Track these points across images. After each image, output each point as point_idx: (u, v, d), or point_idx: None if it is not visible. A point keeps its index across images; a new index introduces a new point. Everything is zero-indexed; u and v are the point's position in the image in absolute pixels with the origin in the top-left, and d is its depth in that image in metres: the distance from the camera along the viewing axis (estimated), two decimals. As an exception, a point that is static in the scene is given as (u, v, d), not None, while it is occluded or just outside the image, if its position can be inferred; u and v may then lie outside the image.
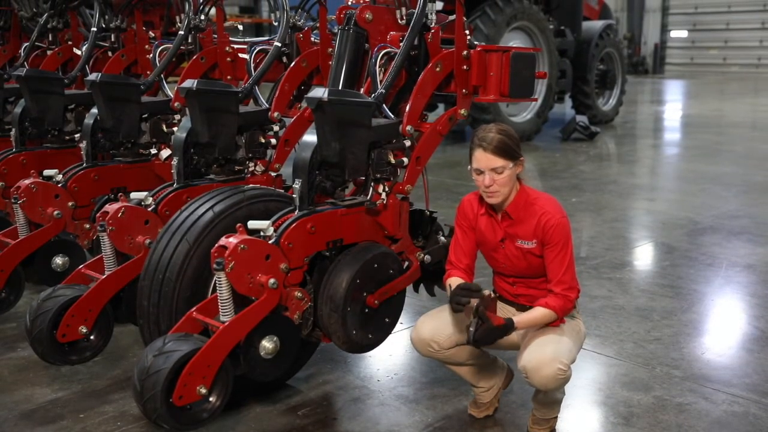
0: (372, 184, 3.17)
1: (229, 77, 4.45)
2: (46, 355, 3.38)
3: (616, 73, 14.36)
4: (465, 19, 3.22)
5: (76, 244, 4.22)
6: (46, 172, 4.09)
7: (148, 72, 4.75)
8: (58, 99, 4.63)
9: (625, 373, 3.69)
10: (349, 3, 3.68)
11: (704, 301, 4.80)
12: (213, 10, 4.62)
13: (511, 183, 2.91)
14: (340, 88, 3.37)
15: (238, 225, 2.86)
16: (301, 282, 3.02)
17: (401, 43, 3.26)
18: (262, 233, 2.90)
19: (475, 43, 3.28)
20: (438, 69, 3.25)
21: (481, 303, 2.77)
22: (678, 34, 32.80)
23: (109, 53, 5.16)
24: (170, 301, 3.04)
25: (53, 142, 4.76)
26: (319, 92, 2.89)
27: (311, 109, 2.95)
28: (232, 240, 2.78)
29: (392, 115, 3.26)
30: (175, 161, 3.70)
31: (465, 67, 3.25)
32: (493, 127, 2.92)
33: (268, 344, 2.86)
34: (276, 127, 3.89)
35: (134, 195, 3.60)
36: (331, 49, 3.77)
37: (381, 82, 3.25)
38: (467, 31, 3.24)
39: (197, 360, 2.72)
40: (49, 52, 5.47)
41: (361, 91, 3.37)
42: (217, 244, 2.81)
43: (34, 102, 4.57)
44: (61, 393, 3.48)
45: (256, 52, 4.16)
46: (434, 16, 3.33)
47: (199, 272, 3.08)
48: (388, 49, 3.33)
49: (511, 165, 2.87)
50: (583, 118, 12.68)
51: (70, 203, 4.07)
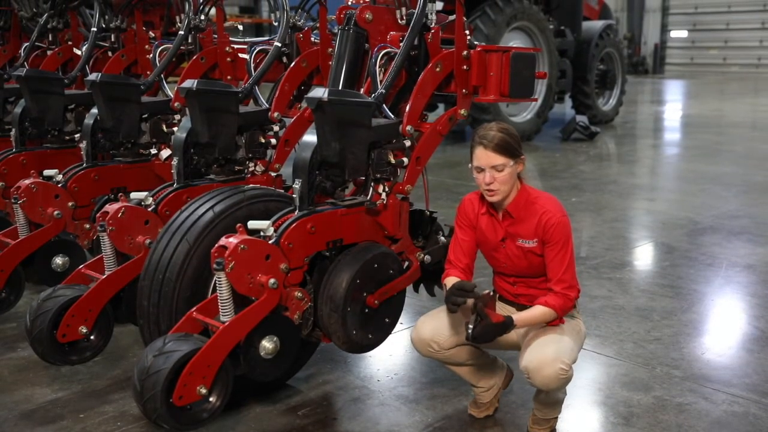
0: (372, 184, 3.17)
1: (229, 77, 4.45)
2: (46, 355, 3.38)
3: (616, 73, 14.37)
4: (465, 19, 3.23)
5: (76, 244, 4.22)
6: (46, 172, 4.09)
7: (148, 72, 4.75)
8: (58, 99, 4.63)
9: (625, 373, 3.69)
10: (349, 3, 3.68)
11: (704, 301, 4.80)
12: (213, 10, 4.62)
13: (512, 181, 2.91)
14: (340, 88, 3.37)
15: (238, 225, 2.86)
16: (301, 282, 3.02)
17: (401, 43, 3.26)
18: (262, 233, 2.90)
19: (475, 43, 3.28)
20: (438, 69, 3.25)
21: (480, 300, 2.77)
22: (678, 34, 32.81)
23: (109, 53, 5.15)
24: (170, 301, 3.04)
25: (53, 142, 4.76)
26: (319, 92, 2.89)
27: (311, 109, 2.95)
28: (232, 240, 2.78)
29: (392, 115, 3.26)
30: (175, 161, 3.70)
31: (465, 67, 3.25)
32: (494, 125, 2.93)
33: (268, 344, 2.86)
34: (276, 127, 3.89)
35: (134, 195, 3.60)
36: (331, 49, 3.77)
37: (381, 82, 3.25)
38: (467, 31, 3.24)
39: (197, 360, 2.72)
40: (49, 52, 5.47)
41: (361, 91, 3.37)
42: (217, 244, 2.81)
43: (34, 102, 4.56)
44: (61, 393, 3.48)
45: (256, 52, 4.16)
46: (434, 16, 3.33)
47: (199, 272, 3.08)
48: (388, 49, 3.33)
49: (512, 163, 2.88)
50: (583, 118, 12.68)
51: (70, 203, 4.06)
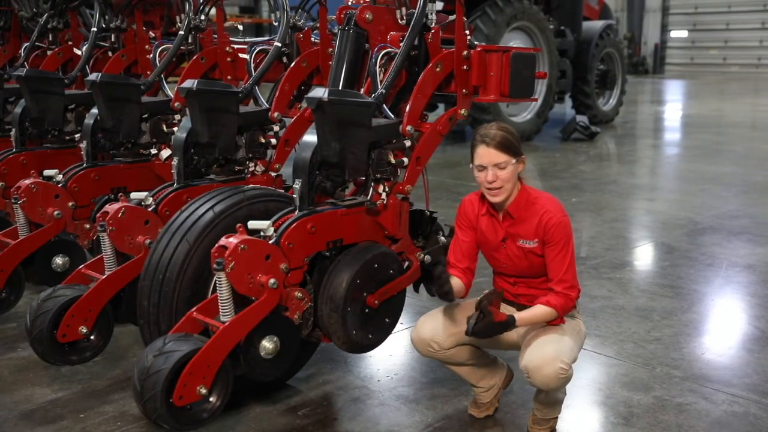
0: (372, 184, 3.17)
1: (229, 77, 4.45)
2: (46, 355, 3.38)
3: (616, 73, 14.37)
4: (465, 19, 3.23)
5: (76, 244, 4.22)
6: (46, 172, 4.09)
7: (148, 72, 4.75)
8: (58, 99, 4.63)
9: (625, 373, 3.69)
10: (349, 3, 3.68)
11: (704, 301, 4.80)
12: (213, 11, 4.62)
13: (514, 180, 2.92)
14: (340, 88, 3.36)
15: (238, 225, 2.86)
16: (301, 282, 3.02)
17: (401, 43, 3.26)
18: (262, 233, 2.90)
19: (476, 43, 3.28)
20: (438, 69, 3.25)
21: (486, 298, 2.77)
22: (678, 34, 32.81)
23: (109, 53, 5.15)
24: (170, 301, 3.04)
25: (53, 142, 4.76)
26: (319, 92, 2.89)
27: (311, 109, 2.95)
28: (233, 240, 2.78)
29: (392, 115, 3.26)
30: (175, 161, 3.70)
31: (465, 67, 3.25)
32: (494, 125, 2.96)
33: (268, 344, 2.86)
34: (276, 127, 3.89)
35: (134, 195, 3.60)
36: (331, 49, 3.77)
37: (381, 82, 3.25)
38: (467, 31, 3.25)
39: (197, 360, 2.72)
40: (49, 52, 5.47)
41: (361, 91, 3.37)
42: (217, 244, 2.81)
43: (34, 102, 4.56)
44: (61, 393, 3.48)
45: (256, 52, 4.16)
46: (434, 16, 3.33)
47: (199, 272, 3.08)
48: (388, 49, 3.33)
49: (514, 161, 2.89)
50: (583, 118, 12.68)
51: (70, 203, 4.06)
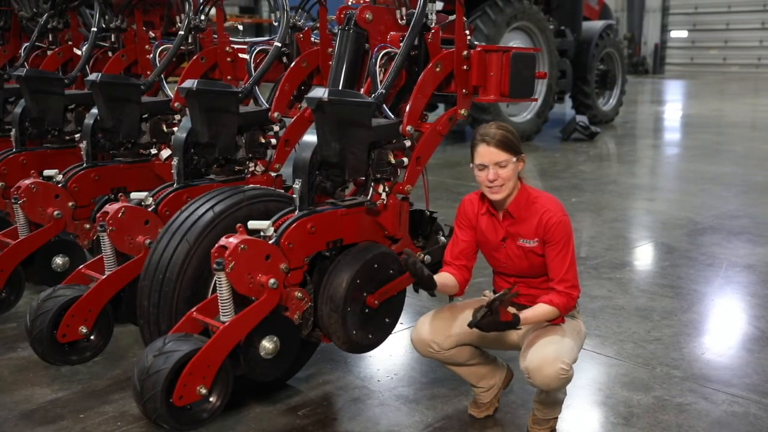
0: (372, 184, 3.17)
1: (229, 77, 4.45)
2: (46, 355, 3.38)
3: (616, 73, 14.37)
4: (465, 19, 3.23)
5: (76, 244, 4.22)
6: (46, 172, 4.09)
7: (148, 72, 4.75)
8: (58, 99, 4.63)
9: (625, 373, 3.69)
10: (349, 3, 3.68)
11: (704, 301, 4.80)
12: (213, 11, 4.62)
13: (514, 178, 2.93)
14: (340, 88, 3.36)
15: (238, 225, 2.86)
16: (301, 282, 3.02)
17: (401, 44, 3.26)
18: (262, 233, 2.90)
19: (475, 43, 3.28)
20: (438, 69, 3.25)
21: (498, 298, 2.75)
22: (678, 34, 32.81)
23: (109, 53, 5.15)
24: (170, 302, 3.04)
25: (53, 142, 4.75)
26: (319, 92, 2.89)
27: (311, 109, 2.95)
28: (232, 240, 2.78)
29: (392, 115, 3.26)
30: (175, 161, 3.70)
31: (465, 67, 3.25)
32: (493, 124, 2.98)
33: (268, 344, 2.86)
34: (276, 127, 3.89)
35: (134, 195, 3.60)
36: (331, 49, 3.77)
37: (381, 82, 3.25)
38: (467, 31, 3.25)
39: (197, 360, 2.72)
40: (49, 52, 5.47)
41: (361, 91, 3.37)
42: (217, 245, 2.81)
43: (34, 102, 4.56)
44: (61, 393, 3.48)
45: (256, 52, 4.16)
46: (434, 16, 3.33)
47: (199, 272, 3.08)
48: (388, 49, 3.33)
49: (514, 159, 2.90)
50: (583, 118, 12.68)
51: (70, 203, 4.06)
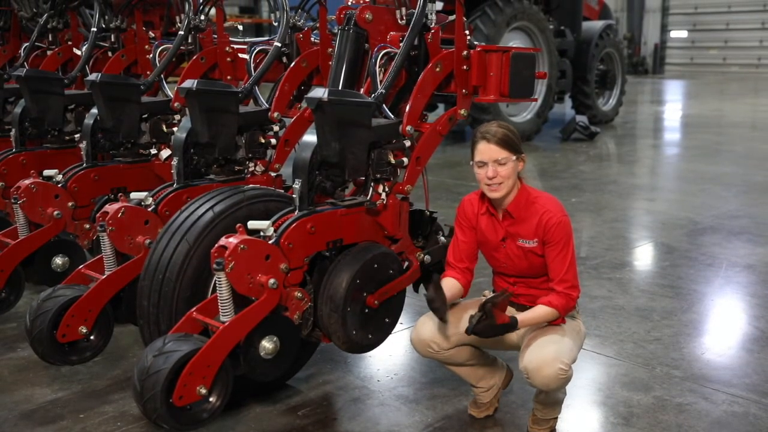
0: (372, 184, 3.17)
1: (229, 77, 4.45)
2: (46, 356, 3.37)
3: (616, 73, 14.37)
4: (465, 20, 3.23)
5: (76, 244, 4.22)
6: (46, 172, 4.09)
7: (148, 72, 4.75)
8: (58, 99, 4.63)
9: (625, 373, 3.69)
10: (349, 3, 3.68)
11: (704, 301, 4.80)
12: (213, 11, 4.62)
13: (514, 177, 2.93)
14: (340, 88, 3.37)
15: (238, 225, 2.86)
16: (301, 282, 3.02)
17: (401, 44, 3.26)
18: (262, 233, 2.90)
19: (475, 43, 3.28)
20: (438, 69, 3.25)
21: (491, 300, 2.77)
22: (678, 34, 32.80)
23: (109, 53, 5.15)
24: (170, 302, 3.04)
25: (53, 143, 4.75)
26: (319, 92, 2.89)
27: (311, 109, 2.95)
28: (232, 240, 2.78)
29: (392, 115, 3.26)
30: (175, 161, 3.70)
31: (465, 68, 3.25)
32: (494, 123, 2.99)
33: (268, 344, 2.86)
34: (276, 127, 3.89)
35: (134, 195, 3.60)
36: (331, 50, 3.77)
37: (381, 82, 3.25)
38: (467, 32, 3.25)
39: (197, 360, 2.72)
40: (49, 52, 5.46)
41: (361, 91, 3.37)
42: (217, 245, 2.81)
43: (34, 102, 4.56)
44: (61, 393, 3.48)
45: (256, 52, 4.16)
46: (434, 16, 3.33)
47: (199, 272, 3.08)
48: (388, 50, 3.33)
49: (514, 158, 2.90)
50: (583, 118, 12.68)
51: (70, 203, 4.06)
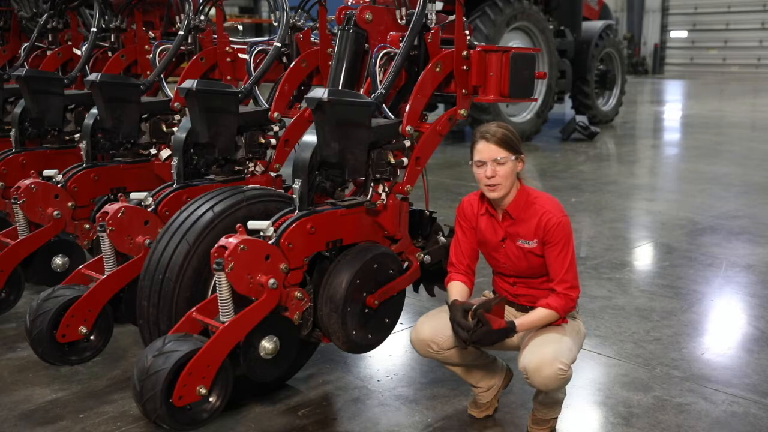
0: (372, 184, 3.17)
1: (229, 77, 4.45)
2: (45, 356, 3.37)
3: (615, 74, 14.39)
4: (465, 20, 3.23)
5: (75, 245, 4.22)
6: (46, 173, 4.08)
7: (148, 72, 4.75)
8: (57, 99, 4.63)
9: (624, 374, 3.69)
10: (349, 3, 3.68)
11: (704, 302, 4.80)
12: (213, 11, 4.62)
13: (513, 177, 2.93)
14: (340, 88, 3.37)
15: (238, 225, 2.86)
16: (301, 282, 3.02)
17: (401, 44, 3.26)
18: (262, 233, 2.90)
19: (475, 43, 3.28)
20: (438, 69, 3.25)
21: (482, 306, 2.77)
22: (678, 34, 32.81)
23: (109, 53, 5.15)
24: (170, 302, 3.04)
25: (53, 143, 4.75)
26: (319, 92, 2.89)
27: (311, 109, 2.95)
28: (232, 240, 2.78)
29: (392, 116, 3.26)
30: (174, 161, 3.70)
31: (465, 68, 3.25)
32: (494, 123, 3.00)
33: (267, 344, 2.85)
34: (276, 128, 3.89)
35: (134, 195, 3.60)
36: (330, 50, 3.77)
37: (381, 82, 3.25)
38: (467, 32, 3.25)
39: (197, 360, 2.72)
40: (49, 53, 5.47)
41: (361, 91, 3.37)
42: (217, 245, 2.81)
43: (34, 102, 4.56)
44: (61, 393, 3.48)
45: (256, 52, 4.16)
46: (434, 17, 3.33)
47: (198, 272, 3.08)
48: (388, 50, 3.33)
49: (513, 158, 2.90)
50: (582, 119, 12.69)
51: (70, 203, 4.06)
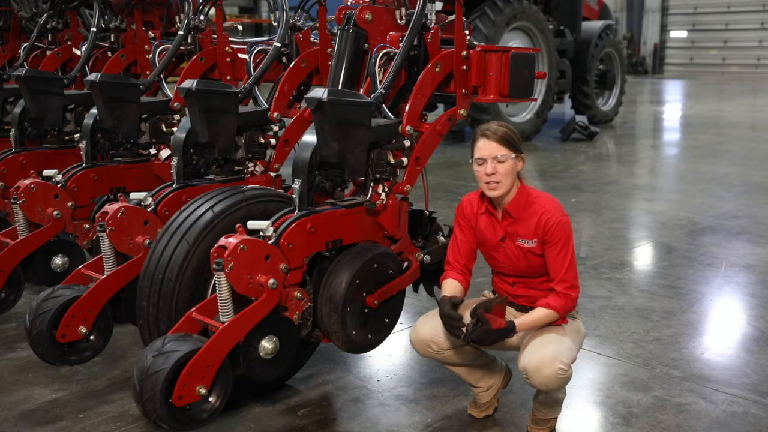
0: (371, 184, 3.17)
1: (229, 77, 4.45)
2: (45, 356, 3.37)
3: (615, 74, 14.38)
4: (464, 20, 3.23)
5: (75, 245, 4.22)
6: (46, 172, 4.08)
7: (148, 72, 4.75)
8: (57, 99, 4.63)
9: (624, 373, 3.69)
10: (349, 3, 3.69)
11: (704, 301, 4.80)
12: (212, 11, 4.62)
13: (513, 176, 2.93)
14: (340, 88, 3.37)
15: (238, 225, 2.86)
16: (301, 282, 3.02)
17: (401, 44, 3.26)
18: (261, 233, 2.90)
19: (475, 43, 3.29)
20: (437, 69, 3.25)
21: (482, 305, 2.77)
22: (677, 34, 32.81)
23: (109, 53, 5.15)
24: (170, 302, 3.04)
25: (53, 143, 4.75)
26: (319, 92, 2.89)
27: (311, 109, 2.95)
28: (232, 240, 2.78)
29: (392, 116, 3.26)
30: (174, 161, 3.70)
31: (464, 68, 3.25)
32: (494, 122, 3.00)
33: (267, 344, 2.85)
34: (276, 128, 3.89)
35: (134, 195, 3.60)
36: (330, 50, 3.77)
37: (380, 82, 3.25)
38: (467, 32, 3.25)
39: (196, 360, 2.72)
40: (49, 53, 5.47)
41: (361, 91, 3.37)
42: (216, 245, 2.81)
43: (34, 102, 4.56)
44: (61, 393, 3.48)
45: (255, 52, 4.16)
46: (434, 17, 3.33)
47: (198, 272, 3.08)
48: (388, 50, 3.33)
49: (513, 156, 2.90)
50: (582, 118, 12.69)
51: (70, 203, 4.06)
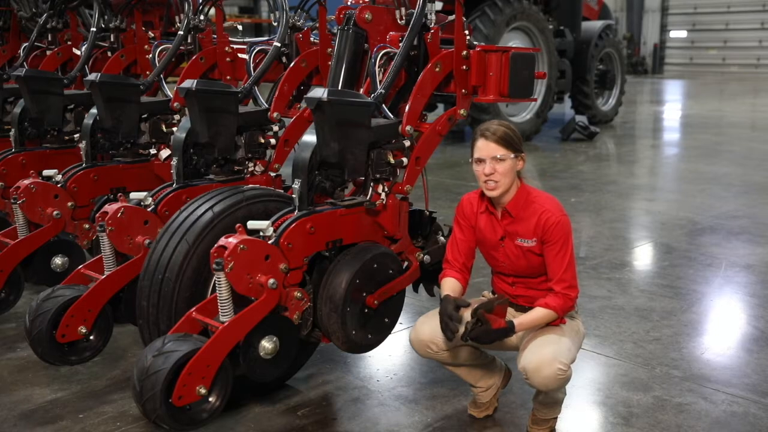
0: (371, 184, 3.17)
1: (229, 77, 4.45)
2: (45, 356, 3.37)
3: (615, 74, 14.39)
4: (464, 20, 3.23)
5: (75, 245, 4.22)
6: (46, 172, 4.08)
7: (148, 72, 4.75)
8: (57, 99, 4.63)
9: (624, 373, 3.69)
10: (349, 3, 3.69)
11: (703, 301, 4.80)
12: (212, 11, 4.62)
13: (512, 176, 2.93)
14: (340, 88, 3.37)
15: (238, 225, 2.86)
16: (301, 282, 3.02)
17: (401, 44, 3.26)
18: (261, 233, 2.90)
19: (475, 43, 3.29)
20: (437, 69, 3.25)
21: (483, 306, 2.77)
22: (677, 34, 32.82)
23: (109, 53, 5.15)
24: (169, 302, 3.04)
25: (53, 143, 4.75)
26: (319, 92, 2.89)
27: (311, 109, 2.95)
28: (232, 240, 2.78)
29: (392, 116, 3.26)
30: (174, 161, 3.70)
31: (464, 68, 3.25)
32: (495, 121, 3.00)
33: (267, 344, 2.85)
34: (275, 127, 3.89)
35: (134, 195, 3.60)
36: (330, 50, 3.77)
37: (380, 82, 3.25)
38: (467, 32, 3.25)
39: (196, 360, 2.72)
40: (49, 52, 5.47)
41: (361, 91, 3.37)
42: (216, 245, 2.81)
43: (34, 102, 4.56)
44: (61, 393, 3.48)
45: (255, 52, 4.16)
46: (434, 16, 3.33)
47: (198, 272, 3.08)
48: (388, 50, 3.33)
49: (512, 156, 2.90)
50: (582, 118, 12.70)
51: (70, 203, 4.06)
